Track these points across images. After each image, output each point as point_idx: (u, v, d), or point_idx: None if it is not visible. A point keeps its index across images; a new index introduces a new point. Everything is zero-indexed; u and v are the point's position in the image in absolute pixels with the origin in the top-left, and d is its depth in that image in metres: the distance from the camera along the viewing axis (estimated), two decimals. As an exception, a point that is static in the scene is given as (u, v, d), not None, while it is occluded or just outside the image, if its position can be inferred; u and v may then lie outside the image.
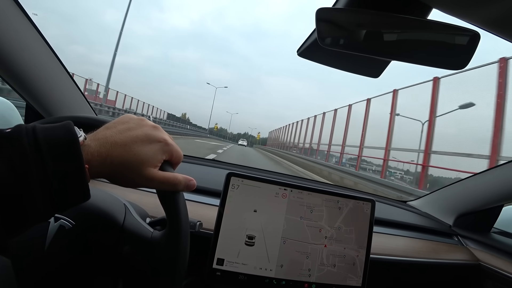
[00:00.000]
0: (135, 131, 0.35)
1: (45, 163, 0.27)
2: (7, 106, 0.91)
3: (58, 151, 0.28)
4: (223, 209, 0.57)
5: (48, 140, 0.28)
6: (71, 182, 0.28)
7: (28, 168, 0.26)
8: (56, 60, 0.71)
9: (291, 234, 0.58)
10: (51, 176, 0.27)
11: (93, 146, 0.32)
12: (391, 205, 1.07)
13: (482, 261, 0.84)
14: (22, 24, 0.60)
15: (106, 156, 0.32)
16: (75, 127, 0.31)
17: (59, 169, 0.27)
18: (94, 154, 0.31)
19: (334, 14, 0.39)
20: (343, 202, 0.61)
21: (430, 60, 0.40)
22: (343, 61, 0.49)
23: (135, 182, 0.34)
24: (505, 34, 0.42)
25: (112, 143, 0.33)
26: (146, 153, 0.34)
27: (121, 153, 0.33)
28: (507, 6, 0.36)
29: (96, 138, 0.33)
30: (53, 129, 0.29)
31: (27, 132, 0.27)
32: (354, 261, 0.60)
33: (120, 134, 0.34)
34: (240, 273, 0.56)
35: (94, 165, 0.31)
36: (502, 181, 0.88)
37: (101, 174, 0.33)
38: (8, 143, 0.26)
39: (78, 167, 0.28)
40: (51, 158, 0.27)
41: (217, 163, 1.02)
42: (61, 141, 0.28)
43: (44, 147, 0.27)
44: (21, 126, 0.28)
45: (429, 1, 0.38)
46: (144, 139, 0.35)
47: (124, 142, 0.33)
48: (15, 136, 0.27)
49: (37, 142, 0.27)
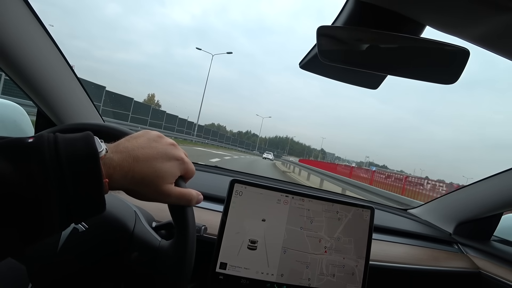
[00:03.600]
0: (156, 148, 0.36)
1: (64, 176, 0.27)
2: (18, 111, 0.94)
3: (78, 166, 0.28)
4: (227, 214, 0.59)
5: (69, 154, 0.28)
6: (88, 197, 0.29)
7: (47, 180, 0.26)
8: (68, 67, 0.74)
9: (291, 244, 0.60)
10: (69, 190, 0.27)
11: (116, 160, 0.32)
12: (391, 213, 1.08)
13: (482, 269, 0.84)
14: (37, 33, 0.63)
15: (128, 170, 0.33)
16: (97, 138, 0.32)
17: (78, 184, 0.28)
18: (116, 168, 0.32)
19: (334, 32, 0.41)
20: (342, 213, 0.63)
21: (423, 75, 0.42)
22: (343, 74, 0.52)
23: (152, 196, 0.35)
24: (496, 49, 0.44)
25: (134, 158, 0.34)
26: (166, 170, 0.36)
27: (142, 168, 0.34)
28: (496, 24, 0.38)
29: (118, 150, 0.33)
30: (74, 142, 0.29)
31: (48, 144, 0.28)
32: (353, 271, 0.61)
33: (142, 149, 0.35)
34: (242, 277, 0.57)
35: (115, 179, 0.32)
36: (501, 189, 0.89)
37: (121, 187, 0.33)
38: (29, 153, 0.27)
39: (97, 183, 0.29)
40: (71, 172, 0.28)
41: (220, 170, 1.05)
42: (82, 155, 0.29)
43: (65, 161, 0.27)
44: (43, 136, 0.29)
45: (423, 19, 0.40)
46: (164, 156, 0.36)
47: (146, 158, 0.34)
48: (37, 146, 0.27)
49: (58, 154, 0.27)
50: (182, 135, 23.98)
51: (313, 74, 0.53)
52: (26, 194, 0.25)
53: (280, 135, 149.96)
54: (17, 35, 0.58)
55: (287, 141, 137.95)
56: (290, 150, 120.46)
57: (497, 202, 0.90)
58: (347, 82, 0.53)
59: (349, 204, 0.64)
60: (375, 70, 0.43)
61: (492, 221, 1.00)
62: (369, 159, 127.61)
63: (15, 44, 0.58)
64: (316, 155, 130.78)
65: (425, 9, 0.39)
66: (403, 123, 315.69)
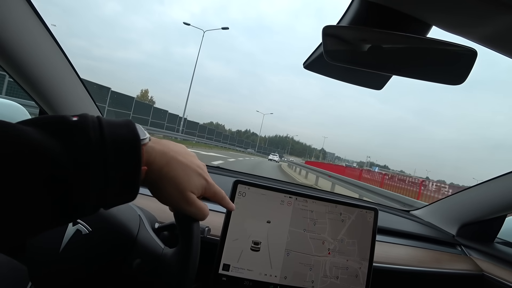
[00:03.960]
0: (191, 160, 0.37)
1: (107, 159, 0.27)
2: (21, 111, 0.94)
3: (121, 151, 0.28)
4: (230, 215, 0.58)
5: (113, 137, 0.28)
6: (126, 183, 0.29)
7: (90, 161, 0.26)
8: (71, 68, 0.74)
9: (294, 246, 0.59)
10: (110, 174, 0.27)
11: (156, 150, 0.33)
12: (394, 214, 1.07)
13: (486, 271, 0.84)
14: (39, 33, 0.63)
15: (165, 164, 0.33)
16: (139, 126, 0.32)
17: (118, 168, 0.28)
18: (156, 158, 0.33)
19: (340, 32, 0.41)
20: (345, 214, 0.62)
21: (430, 76, 0.42)
22: (347, 74, 0.51)
23: (175, 199, 0.36)
24: (502, 49, 0.44)
25: (172, 156, 0.34)
26: (195, 180, 0.37)
27: (177, 169, 0.34)
28: (502, 24, 0.38)
29: (159, 143, 0.34)
30: (117, 126, 0.29)
31: (93, 125, 0.27)
32: (357, 273, 0.61)
33: (179, 153, 0.36)
34: (245, 279, 0.57)
35: (153, 169, 0.32)
36: (505, 191, 0.88)
37: (153, 179, 0.33)
38: (74, 132, 0.26)
39: (136, 169, 0.29)
40: (114, 156, 0.27)
41: (223, 170, 1.04)
42: (125, 140, 0.29)
43: (109, 144, 0.27)
44: (87, 117, 0.28)
45: (430, 19, 0.40)
46: (197, 169, 0.37)
47: (182, 162, 0.35)
48: (82, 126, 0.27)
49: (103, 137, 0.27)
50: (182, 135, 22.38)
51: (314, 73, 0.53)
52: (65, 170, 0.25)
53: (280, 134, 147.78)
54: (20, 35, 0.58)
55: (287, 140, 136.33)
56: (291, 149, 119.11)
57: (501, 204, 0.90)
58: (352, 82, 0.53)
59: (353, 205, 0.63)
60: (380, 70, 0.42)
61: (496, 223, 0.99)
62: (370, 159, 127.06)
63: (17, 44, 0.58)
64: (316, 155, 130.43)
65: (431, 9, 0.38)
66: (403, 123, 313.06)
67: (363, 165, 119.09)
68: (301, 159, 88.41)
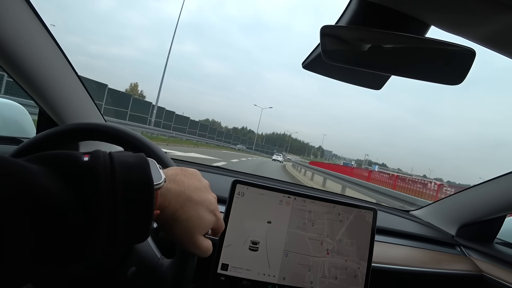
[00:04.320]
0: (206, 195, 0.36)
1: (116, 206, 0.26)
2: (20, 111, 0.95)
3: (133, 197, 0.27)
4: (228, 215, 0.58)
5: (125, 181, 0.27)
6: (136, 228, 0.28)
7: (100, 210, 0.25)
8: (69, 66, 0.74)
9: (293, 247, 0.59)
10: (119, 220, 0.26)
11: (172, 192, 0.32)
12: (394, 215, 1.07)
13: (485, 272, 0.84)
14: (38, 32, 0.63)
15: (179, 208, 0.33)
16: (155, 164, 0.31)
17: (129, 215, 0.27)
18: (171, 201, 0.32)
19: (338, 31, 0.41)
20: (344, 214, 0.62)
21: (428, 76, 0.42)
22: (346, 74, 0.51)
23: (182, 239, 0.35)
24: (501, 49, 0.44)
25: (187, 196, 0.34)
26: (206, 220, 0.36)
27: (190, 210, 0.34)
28: (501, 24, 0.38)
29: (176, 181, 0.34)
30: (130, 168, 0.28)
31: (105, 167, 0.26)
32: (356, 273, 0.61)
33: (195, 190, 0.35)
34: (244, 279, 0.57)
35: (166, 213, 0.32)
36: (505, 191, 0.88)
37: (164, 220, 0.33)
38: (84, 176, 0.25)
39: (148, 216, 0.28)
40: (124, 202, 0.26)
41: (222, 170, 1.04)
42: (138, 185, 0.27)
43: (120, 190, 0.26)
44: (99, 156, 0.27)
45: (428, 19, 0.40)
46: (209, 206, 0.36)
47: (196, 201, 0.34)
48: (92, 168, 0.26)
49: (114, 180, 0.26)
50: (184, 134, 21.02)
51: (312, 72, 0.53)
52: (74, 219, 0.24)
53: (278, 132, 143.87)
54: (19, 34, 0.58)
55: (284, 138, 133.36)
56: (289, 147, 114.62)
57: (501, 204, 0.90)
58: (351, 82, 0.53)
59: (352, 205, 0.63)
60: (379, 70, 0.42)
61: (495, 224, 0.99)
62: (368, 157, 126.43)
63: (16, 44, 0.58)
64: (315, 153, 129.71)
65: (430, 8, 0.38)
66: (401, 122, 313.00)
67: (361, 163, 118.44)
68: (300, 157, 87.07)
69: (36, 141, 0.49)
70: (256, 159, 24.88)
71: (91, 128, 0.49)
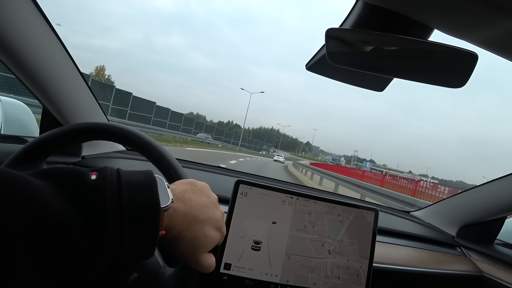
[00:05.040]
0: (213, 212, 0.36)
1: (122, 227, 0.26)
2: (23, 109, 0.95)
3: (139, 223, 0.27)
4: (232, 215, 0.59)
5: (132, 206, 0.27)
6: (140, 248, 0.28)
7: (105, 231, 0.25)
8: (74, 66, 0.74)
9: (295, 250, 0.60)
10: (124, 240, 0.26)
11: (179, 212, 0.32)
12: (395, 215, 1.08)
13: (485, 273, 0.84)
14: (44, 32, 0.63)
15: (185, 228, 0.33)
16: (163, 183, 0.31)
17: (134, 236, 0.27)
18: (178, 222, 0.32)
19: (343, 34, 0.41)
20: (344, 215, 0.62)
21: (431, 79, 0.42)
22: (350, 76, 0.52)
23: (185, 257, 0.35)
24: (504, 53, 0.44)
25: (194, 216, 0.33)
26: (212, 238, 0.36)
27: (196, 230, 0.34)
28: (504, 28, 0.38)
29: (183, 200, 0.33)
30: (137, 188, 0.28)
31: (111, 188, 0.26)
32: (358, 272, 0.61)
33: (203, 208, 0.35)
34: (247, 278, 0.57)
35: (171, 234, 0.32)
36: (505, 192, 0.89)
37: (169, 239, 0.32)
38: (90, 196, 0.25)
39: (153, 237, 0.28)
40: (130, 228, 0.26)
41: (225, 170, 1.05)
42: (144, 209, 0.27)
43: (126, 215, 0.26)
44: (107, 176, 0.27)
45: (431, 23, 0.40)
46: (216, 223, 0.36)
47: (203, 220, 0.34)
48: (99, 189, 0.26)
49: (120, 205, 0.26)
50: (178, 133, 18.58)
51: (297, 66, 0.53)
52: (79, 239, 0.24)
53: (265, 126, 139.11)
54: (24, 33, 0.59)
55: (272, 132, 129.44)
56: (276, 143, 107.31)
57: (501, 205, 0.90)
58: (354, 84, 0.53)
59: (354, 206, 0.64)
60: (382, 72, 0.43)
61: (495, 225, 0.99)
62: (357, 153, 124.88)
63: (21, 42, 0.59)
64: (303, 148, 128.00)
65: (433, 12, 0.39)
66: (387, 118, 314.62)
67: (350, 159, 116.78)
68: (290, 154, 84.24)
69: (42, 140, 0.50)
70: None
71: (97, 128, 0.49)
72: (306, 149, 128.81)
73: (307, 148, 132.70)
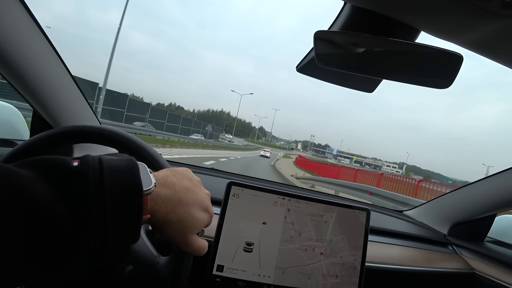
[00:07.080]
0: (197, 194, 0.36)
1: (105, 211, 0.26)
2: (14, 112, 0.94)
3: (121, 203, 0.27)
4: (224, 217, 0.59)
5: (114, 190, 0.27)
6: (124, 233, 0.28)
7: (88, 216, 0.25)
8: (64, 68, 0.73)
9: (287, 263, 0.60)
10: (108, 226, 0.26)
11: (162, 196, 0.32)
12: (387, 215, 1.09)
13: (476, 270, 0.85)
14: (33, 33, 0.62)
15: (170, 211, 0.33)
16: (145, 168, 0.31)
17: (117, 220, 0.27)
18: (162, 205, 0.32)
19: (331, 36, 0.42)
20: (327, 215, 0.63)
21: (418, 80, 0.43)
22: (340, 77, 0.52)
23: (175, 240, 0.35)
24: (487, 54, 0.45)
25: (178, 199, 0.34)
26: (200, 219, 0.36)
27: (181, 212, 0.34)
28: (487, 30, 0.39)
29: (166, 184, 0.34)
30: (119, 172, 0.28)
31: (94, 172, 0.27)
32: (354, 265, 0.62)
33: (186, 191, 0.35)
34: (239, 280, 0.57)
35: (157, 218, 0.32)
36: (495, 190, 0.90)
37: (156, 223, 0.33)
38: (74, 180, 0.26)
39: (136, 220, 0.28)
40: (113, 208, 0.27)
41: (217, 172, 1.05)
42: (126, 190, 0.28)
43: (109, 198, 0.26)
44: (88, 161, 0.27)
45: (418, 25, 0.41)
46: (201, 204, 0.37)
47: (188, 202, 0.35)
48: (82, 173, 0.26)
49: (103, 189, 0.26)
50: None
51: (248, 51, 0.53)
52: (64, 225, 0.24)
53: (214, 109, 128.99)
54: (13, 35, 0.58)
55: (222, 115, 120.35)
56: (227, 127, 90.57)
57: (491, 203, 0.92)
58: (344, 85, 0.54)
59: (346, 206, 0.64)
60: (370, 74, 0.43)
61: (486, 222, 1.01)
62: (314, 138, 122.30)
63: (11, 45, 0.58)
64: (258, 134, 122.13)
65: (419, 14, 0.39)
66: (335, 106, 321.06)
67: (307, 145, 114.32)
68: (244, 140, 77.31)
69: (31, 143, 0.49)
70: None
71: (86, 130, 0.49)
72: (260, 135, 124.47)
73: (261, 133, 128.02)
